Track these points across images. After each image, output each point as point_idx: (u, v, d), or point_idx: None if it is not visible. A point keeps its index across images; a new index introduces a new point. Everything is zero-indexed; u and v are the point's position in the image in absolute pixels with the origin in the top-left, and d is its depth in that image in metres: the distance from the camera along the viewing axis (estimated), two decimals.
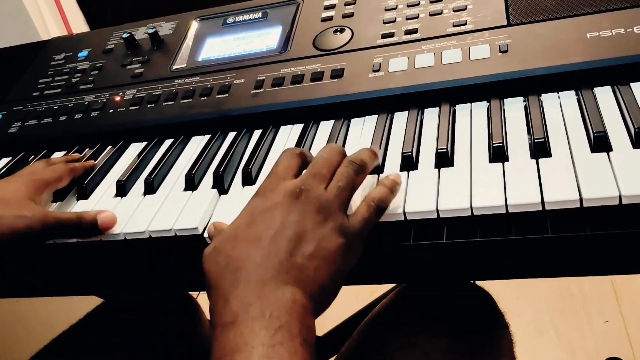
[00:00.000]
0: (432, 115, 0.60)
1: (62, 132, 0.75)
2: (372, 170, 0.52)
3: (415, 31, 0.68)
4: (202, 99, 0.71)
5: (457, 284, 0.66)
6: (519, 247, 0.46)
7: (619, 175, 0.45)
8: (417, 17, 0.69)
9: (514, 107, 0.58)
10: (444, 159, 0.53)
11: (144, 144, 0.72)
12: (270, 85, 0.69)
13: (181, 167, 0.65)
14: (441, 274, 0.53)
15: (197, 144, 0.69)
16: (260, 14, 0.80)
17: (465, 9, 0.68)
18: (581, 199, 0.44)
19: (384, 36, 0.69)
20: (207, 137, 0.69)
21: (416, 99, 0.62)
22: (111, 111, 0.75)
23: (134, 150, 0.72)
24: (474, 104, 0.60)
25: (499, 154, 0.51)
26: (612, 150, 0.49)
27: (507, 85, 0.59)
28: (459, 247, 0.48)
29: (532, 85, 0.58)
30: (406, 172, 0.53)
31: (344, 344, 0.67)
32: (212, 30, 0.81)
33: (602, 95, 0.55)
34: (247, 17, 0.81)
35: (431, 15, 0.69)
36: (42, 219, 0.56)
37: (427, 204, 0.49)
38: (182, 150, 0.69)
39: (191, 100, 0.71)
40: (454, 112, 0.60)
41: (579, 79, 0.57)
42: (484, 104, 0.60)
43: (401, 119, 0.61)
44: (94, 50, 0.86)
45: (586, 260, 0.47)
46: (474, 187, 0.49)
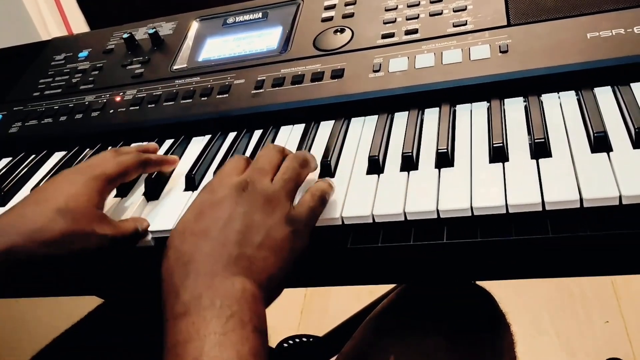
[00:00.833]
0: (432, 115, 0.60)
1: (63, 133, 0.75)
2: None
3: (415, 31, 0.68)
4: (203, 99, 0.71)
5: (457, 284, 0.66)
6: (519, 247, 0.46)
7: (619, 175, 0.45)
8: (417, 18, 0.69)
9: (514, 107, 0.58)
10: (444, 159, 0.53)
11: (145, 144, 0.72)
12: (270, 85, 0.69)
13: (181, 167, 0.65)
14: (442, 274, 0.53)
15: (197, 144, 0.69)
16: (260, 14, 0.80)
17: (465, 9, 0.68)
18: (581, 199, 0.44)
19: (384, 36, 0.69)
20: (208, 137, 0.70)
21: (416, 99, 0.62)
22: (111, 111, 0.75)
23: None
24: (474, 104, 0.60)
25: (499, 154, 0.51)
26: (612, 150, 0.49)
27: (507, 85, 0.59)
28: (460, 248, 0.48)
29: (532, 85, 0.58)
30: (406, 173, 0.53)
31: (345, 344, 0.67)
32: (212, 30, 0.81)
33: (602, 95, 0.55)
34: (247, 17, 0.81)
35: (431, 15, 0.69)
36: (113, 236, 0.52)
37: (427, 204, 0.49)
38: (183, 150, 0.69)
39: (191, 100, 0.71)
40: (454, 112, 0.60)
41: (579, 79, 0.57)
42: (484, 104, 0.60)
43: (401, 119, 0.61)
44: (94, 50, 0.86)
45: (586, 260, 0.47)
46: (474, 188, 0.49)
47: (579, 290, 1.42)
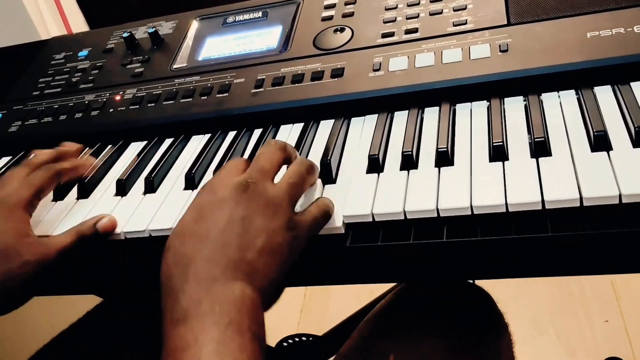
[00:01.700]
0: (432, 114, 0.60)
1: (63, 132, 0.75)
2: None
3: (415, 30, 0.68)
4: (202, 98, 0.71)
5: (456, 283, 0.66)
6: (519, 246, 0.46)
7: (619, 174, 0.45)
8: (417, 17, 0.69)
9: (514, 106, 0.58)
10: (444, 158, 0.53)
11: (144, 143, 0.72)
12: (270, 84, 0.69)
13: (181, 166, 0.65)
14: (441, 273, 0.53)
15: (197, 143, 0.69)
16: (260, 14, 0.80)
17: (465, 9, 0.68)
18: (581, 198, 0.44)
19: (384, 35, 0.69)
20: (207, 136, 0.69)
21: (416, 99, 0.62)
22: (111, 110, 0.75)
23: (134, 149, 0.72)
24: (474, 103, 0.60)
25: (499, 153, 0.51)
26: (612, 149, 0.49)
27: (507, 84, 0.59)
28: (459, 246, 0.48)
29: (532, 84, 0.58)
30: (406, 172, 0.53)
31: (344, 344, 0.67)
32: (212, 29, 0.81)
33: (602, 94, 0.55)
34: (247, 16, 0.81)
35: (431, 14, 0.69)
36: (43, 257, 0.53)
37: (427, 203, 0.49)
38: (182, 149, 0.69)
39: (191, 99, 0.71)
40: (454, 111, 0.60)
41: (579, 78, 0.57)
42: (484, 104, 0.60)
43: (401, 118, 0.61)
44: (94, 49, 0.86)
45: (586, 259, 0.47)
46: (474, 187, 0.49)
47: (578, 290, 1.42)
